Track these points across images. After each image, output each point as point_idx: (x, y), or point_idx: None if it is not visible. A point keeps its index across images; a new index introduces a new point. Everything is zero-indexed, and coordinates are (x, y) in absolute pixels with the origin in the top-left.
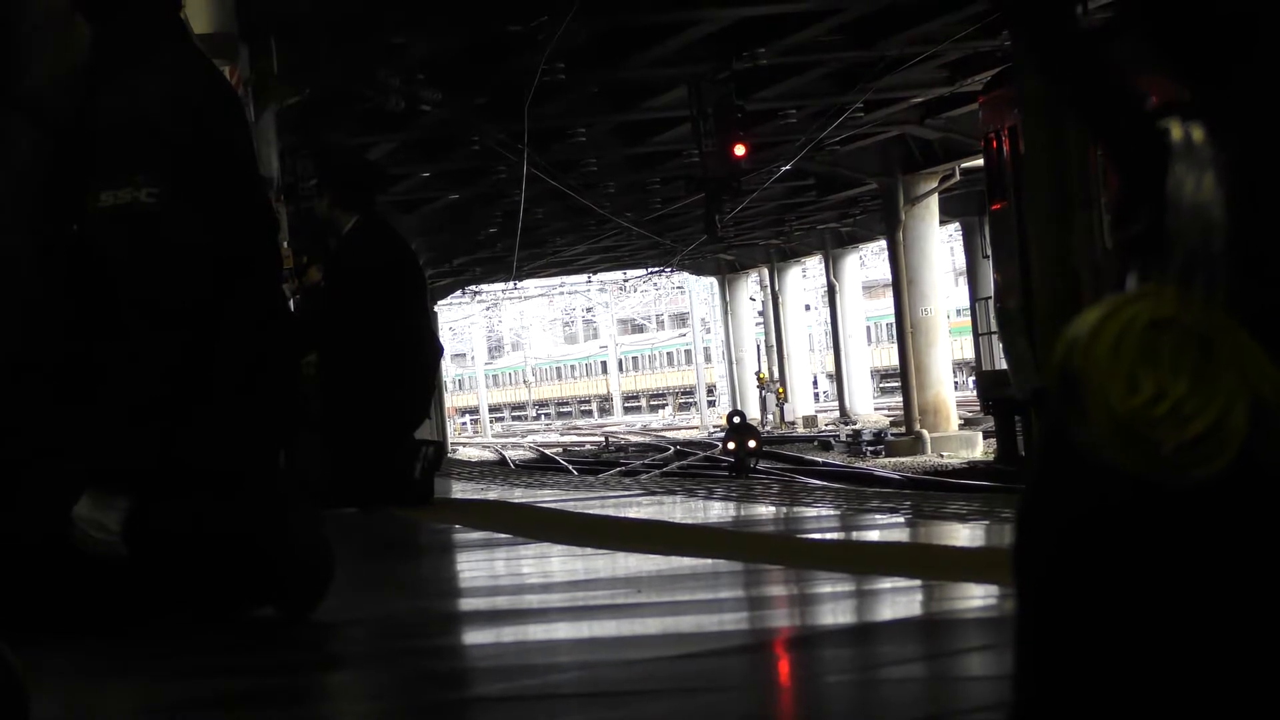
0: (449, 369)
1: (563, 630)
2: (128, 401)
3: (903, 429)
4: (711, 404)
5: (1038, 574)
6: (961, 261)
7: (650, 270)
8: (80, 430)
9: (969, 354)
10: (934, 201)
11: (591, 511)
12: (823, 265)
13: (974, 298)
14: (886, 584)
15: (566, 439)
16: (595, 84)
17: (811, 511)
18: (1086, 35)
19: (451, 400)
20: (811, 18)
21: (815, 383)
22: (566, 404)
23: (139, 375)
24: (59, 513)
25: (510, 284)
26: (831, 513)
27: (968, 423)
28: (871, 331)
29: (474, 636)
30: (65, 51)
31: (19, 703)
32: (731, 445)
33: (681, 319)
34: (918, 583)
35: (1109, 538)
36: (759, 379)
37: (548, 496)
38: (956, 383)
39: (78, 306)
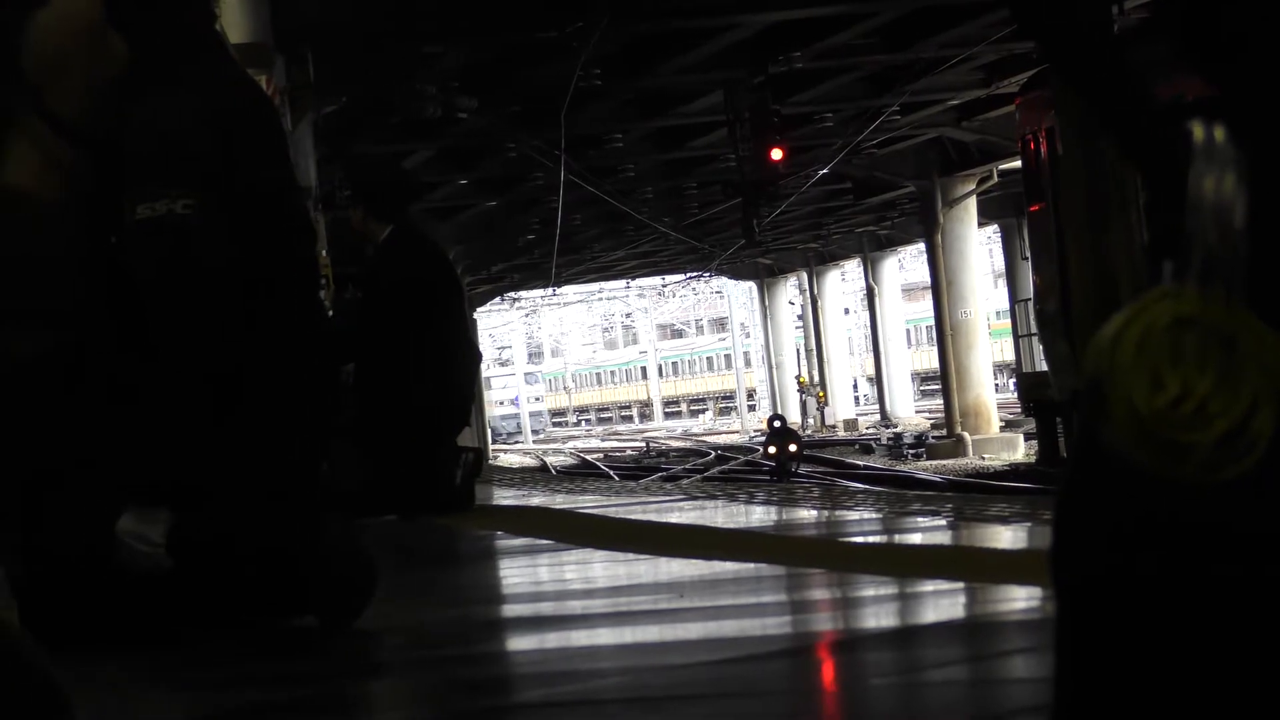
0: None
1: (605, 636)
2: (165, 414)
3: (944, 432)
4: (752, 408)
5: (1073, 576)
6: (1001, 263)
7: (689, 275)
8: (119, 443)
9: (1010, 356)
10: (972, 204)
11: (633, 517)
12: (861, 268)
13: (1013, 299)
14: (929, 587)
15: (607, 444)
16: (631, 90)
17: (853, 515)
18: (1104, 38)
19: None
20: (845, 21)
21: (855, 386)
22: (607, 409)
23: (175, 388)
24: (99, 525)
25: (549, 290)
26: (873, 516)
27: (1009, 425)
28: (911, 334)
29: (516, 643)
30: (101, 65)
31: (63, 715)
32: (772, 449)
33: (721, 323)
34: (960, 585)
35: (1141, 539)
36: (799, 383)
37: (589, 502)
38: (997, 385)
39: (116, 320)
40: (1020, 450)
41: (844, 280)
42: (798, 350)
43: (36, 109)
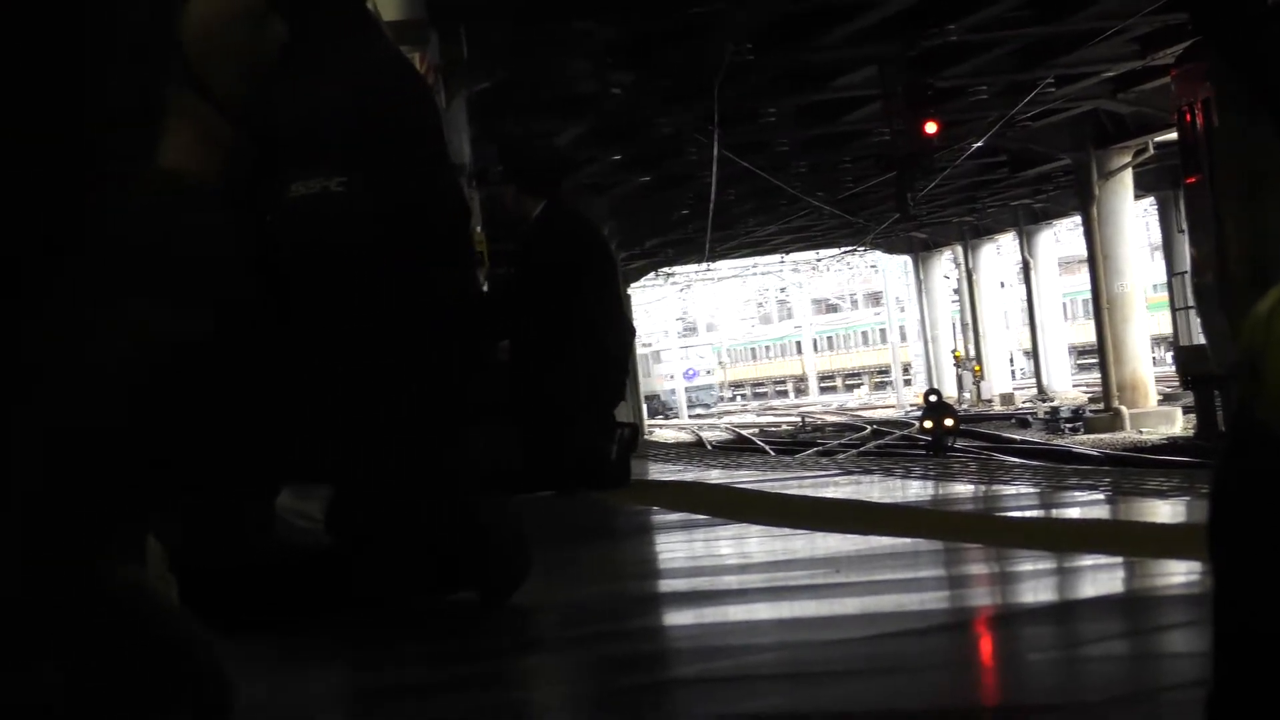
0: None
1: (761, 611)
2: (318, 392)
3: (1101, 405)
4: (907, 383)
5: (1230, 551)
6: (1157, 236)
7: (843, 249)
8: (277, 422)
9: (1167, 329)
10: (1128, 176)
11: (789, 491)
12: (1017, 242)
13: (1170, 272)
14: (1087, 561)
15: (762, 419)
16: (783, 65)
17: (1010, 489)
18: (1259, 11)
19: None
20: None
21: (1011, 360)
22: (762, 384)
23: (327, 367)
24: (258, 502)
25: (703, 265)
26: (1030, 490)
27: (1167, 398)
28: (1068, 308)
29: (672, 618)
30: (261, 46)
31: (224, 693)
32: (928, 424)
33: (876, 298)
34: (1118, 560)
35: None
36: (955, 357)
37: (745, 477)
38: (1154, 358)
39: (271, 300)
40: (1178, 424)
41: (999, 254)
42: (953, 324)
43: (195, 89)
